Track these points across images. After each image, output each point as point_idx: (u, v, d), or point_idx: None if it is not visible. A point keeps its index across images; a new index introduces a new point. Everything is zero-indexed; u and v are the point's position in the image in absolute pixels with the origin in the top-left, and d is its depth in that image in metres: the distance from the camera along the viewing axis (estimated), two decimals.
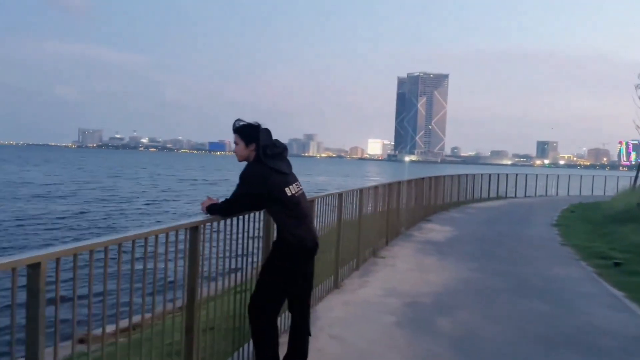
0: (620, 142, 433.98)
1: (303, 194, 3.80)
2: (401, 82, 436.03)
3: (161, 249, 2.92)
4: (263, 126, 3.74)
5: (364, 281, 7.03)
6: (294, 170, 3.81)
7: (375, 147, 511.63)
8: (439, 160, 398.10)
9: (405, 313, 5.73)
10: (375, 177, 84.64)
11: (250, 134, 3.59)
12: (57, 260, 2.07)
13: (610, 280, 7.66)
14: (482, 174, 24.02)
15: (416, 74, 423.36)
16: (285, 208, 3.58)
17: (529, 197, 26.86)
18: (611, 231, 12.64)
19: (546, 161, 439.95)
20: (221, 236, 3.57)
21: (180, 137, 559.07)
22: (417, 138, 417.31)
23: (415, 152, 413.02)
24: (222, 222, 3.56)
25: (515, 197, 26.03)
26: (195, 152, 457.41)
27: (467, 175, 21.47)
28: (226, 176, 63.24)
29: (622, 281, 7.60)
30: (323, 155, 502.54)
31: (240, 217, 3.78)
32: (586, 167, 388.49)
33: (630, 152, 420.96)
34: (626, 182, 32.58)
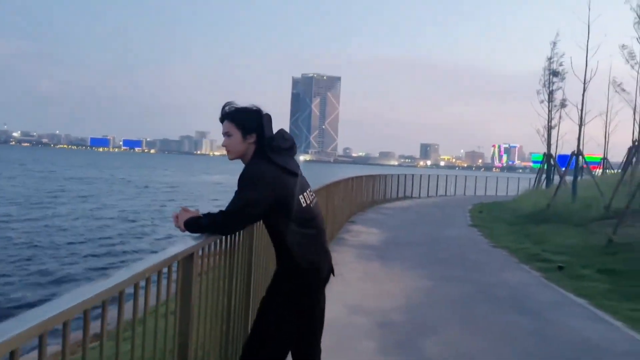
0: (494, 146, 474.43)
1: (317, 204, 2.78)
2: (296, 82, 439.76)
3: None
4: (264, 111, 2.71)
5: None
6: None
7: None
8: (332, 160, 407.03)
9: (384, 336, 4.89)
10: None
11: (249, 121, 2.60)
12: None
13: (564, 286, 7.42)
14: (391, 175, 24.09)
15: (310, 75, 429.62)
16: (298, 223, 2.56)
17: (431, 197, 27.48)
18: (531, 232, 12.85)
19: (429, 162, 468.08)
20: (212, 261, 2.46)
21: (57, 132, 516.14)
22: (311, 138, 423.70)
23: (310, 151, 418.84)
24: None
25: (419, 197, 26.47)
26: (74, 147, 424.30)
27: (379, 176, 21.32)
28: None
29: (576, 287, 7.39)
30: (217, 153, 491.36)
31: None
32: (464, 168, 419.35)
33: (502, 155, 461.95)
34: (514, 184, 34.96)
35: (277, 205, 2.51)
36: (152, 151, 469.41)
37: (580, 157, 17.11)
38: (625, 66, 14.91)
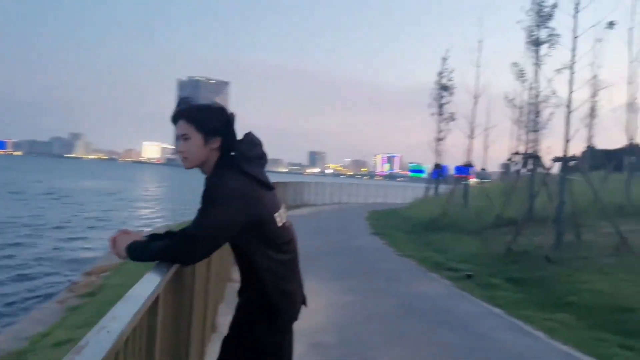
0: (376, 155, 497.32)
1: (291, 223, 2.25)
2: (181, 85, 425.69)
3: None
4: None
5: None
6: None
7: (153, 150, 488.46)
8: None
9: None
10: (156, 183, 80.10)
11: (212, 122, 2.08)
12: None
13: (478, 296, 7.49)
14: (284, 182, 23.81)
15: (197, 78, 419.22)
16: (272, 246, 2.09)
17: (327, 205, 27.63)
18: (430, 240, 13.16)
19: (316, 170, 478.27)
20: None
21: None
22: None
23: None
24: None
25: (315, 205, 26.47)
26: None
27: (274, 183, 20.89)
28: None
29: (488, 296, 7.49)
30: (92, 156, 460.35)
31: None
32: (349, 176, 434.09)
33: (383, 164, 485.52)
34: (401, 191, 36.51)
35: (249, 226, 2.00)
36: (18, 153, 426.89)
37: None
38: (515, 82, 15.90)
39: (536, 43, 12.40)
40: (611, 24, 14.22)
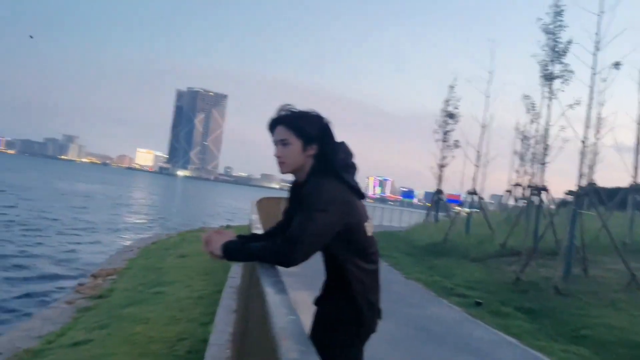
0: (369, 178, 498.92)
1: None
2: (180, 95, 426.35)
3: None
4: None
5: None
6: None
7: (146, 157, 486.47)
8: (212, 178, 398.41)
9: None
10: (147, 191, 79.70)
11: (312, 129, 2.13)
12: None
13: (491, 323, 7.49)
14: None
15: (196, 89, 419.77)
16: (362, 256, 2.12)
17: None
18: (434, 264, 13.18)
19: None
20: None
21: None
22: (191, 153, 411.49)
23: (189, 167, 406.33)
24: None
25: None
26: None
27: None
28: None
29: (501, 324, 7.50)
30: (85, 160, 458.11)
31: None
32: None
33: (375, 187, 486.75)
34: (398, 215, 36.58)
35: (344, 233, 2.05)
36: (11, 152, 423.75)
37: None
38: (520, 114, 16.09)
39: (549, 77, 12.60)
40: (617, 65, 14.52)
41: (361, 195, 2.16)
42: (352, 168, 2.19)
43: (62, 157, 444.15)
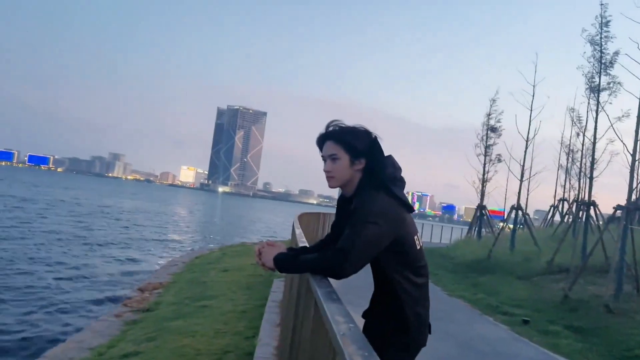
0: (407, 193, 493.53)
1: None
2: (221, 113, 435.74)
3: None
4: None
5: None
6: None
7: (188, 174, 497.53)
8: (251, 194, 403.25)
9: None
10: (198, 207, 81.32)
11: (360, 144, 2.18)
12: None
13: (539, 342, 7.29)
14: (328, 212, 23.81)
15: (236, 107, 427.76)
16: (412, 269, 2.14)
17: None
18: (478, 282, 12.92)
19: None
20: None
21: None
22: (231, 170, 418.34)
23: (229, 183, 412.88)
24: None
25: None
26: None
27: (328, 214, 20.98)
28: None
29: (549, 343, 7.28)
30: (130, 177, 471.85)
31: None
32: None
33: (414, 202, 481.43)
34: (438, 231, 36.02)
35: (394, 246, 2.08)
36: (60, 169, 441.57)
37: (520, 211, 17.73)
38: (564, 127, 15.68)
39: (596, 90, 12.29)
40: None
41: (410, 209, 2.20)
42: (400, 181, 2.23)
43: (109, 174, 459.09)
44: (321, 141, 2.27)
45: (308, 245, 2.72)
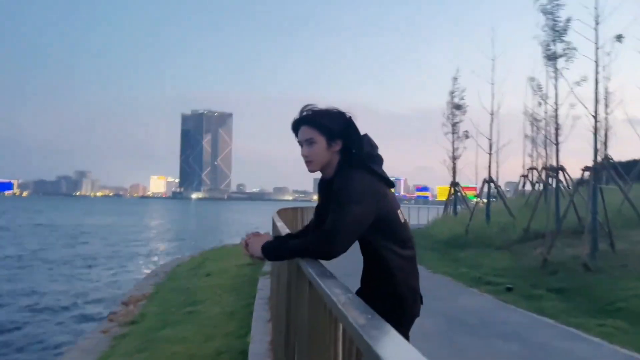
0: None
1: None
2: (185, 119, 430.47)
3: None
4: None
5: None
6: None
7: (158, 184, 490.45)
8: (226, 197, 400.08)
9: None
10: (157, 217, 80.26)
11: (334, 126, 2.19)
12: None
13: (524, 307, 7.46)
14: (305, 207, 23.82)
15: (201, 112, 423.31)
16: (398, 242, 2.17)
17: None
18: (458, 257, 13.13)
19: None
20: None
21: None
22: (203, 175, 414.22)
23: (202, 189, 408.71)
24: None
25: None
26: None
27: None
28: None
29: (534, 307, 7.46)
30: (99, 194, 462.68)
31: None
32: None
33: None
34: (414, 212, 36.39)
35: (378, 221, 2.09)
36: (25, 193, 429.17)
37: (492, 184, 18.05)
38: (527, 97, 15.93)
39: (553, 57, 12.55)
40: (619, 38, 14.40)
41: (391, 184, 2.22)
42: (378, 158, 2.25)
43: (76, 193, 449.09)
44: (296, 126, 2.27)
45: (292, 233, 2.73)
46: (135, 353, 6.24)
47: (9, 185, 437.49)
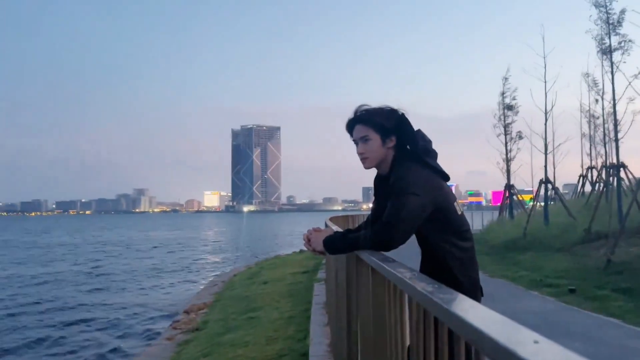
0: None
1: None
2: (235, 134, 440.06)
3: None
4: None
5: None
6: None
7: (212, 199, 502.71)
8: (277, 209, 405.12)
9: None
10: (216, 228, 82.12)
11: (389, 123, 2.25)
12: None
13: (588, 308, 7.24)
14: (356, 215, 23.85)
15: (250, 126, 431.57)
16: (457, 234, 2.19)
17: None
18: (517, 260, 12.81)
19: (371, 205, 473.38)
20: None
21: None
22: (254, 188, 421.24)
23: (254, 202, 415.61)
24: None
25: None
26: (4, 214, 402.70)
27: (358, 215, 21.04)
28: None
29: (599, 307, 7.23)
30: (156, 210, 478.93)
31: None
32: None
33: None
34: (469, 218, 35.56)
35: (436, 214, 2.14)
36: (88, 212, 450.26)
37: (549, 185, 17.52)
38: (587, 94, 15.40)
39: (608, 51, 12.17)
40: None
41: (446, 177, 2.28)
42: (433, 153, 2.32)
43: (135, 210, 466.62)
44: (351, 126, 2.37)
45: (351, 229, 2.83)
46: (201, 357, 6.49)
47: (73, 205, 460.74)
